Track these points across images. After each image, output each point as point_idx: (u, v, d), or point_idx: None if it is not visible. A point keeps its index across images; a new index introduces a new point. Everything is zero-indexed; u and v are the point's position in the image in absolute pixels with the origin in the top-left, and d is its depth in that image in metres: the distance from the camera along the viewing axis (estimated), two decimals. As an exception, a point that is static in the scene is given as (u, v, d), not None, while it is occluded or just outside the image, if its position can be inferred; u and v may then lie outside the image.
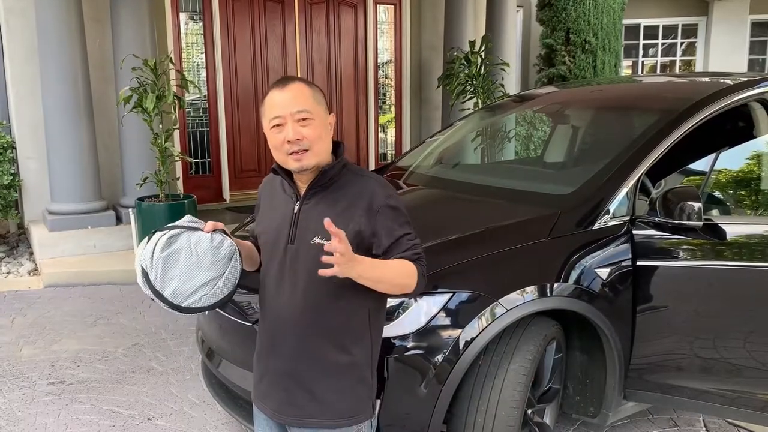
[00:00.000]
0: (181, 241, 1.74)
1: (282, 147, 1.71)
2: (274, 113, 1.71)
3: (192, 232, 1.76)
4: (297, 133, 1.69)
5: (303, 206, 1.78)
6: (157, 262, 1.72)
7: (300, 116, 1.70)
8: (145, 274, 1.74)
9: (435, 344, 2.30)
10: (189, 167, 7.48)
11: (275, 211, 1.85)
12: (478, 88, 7.39)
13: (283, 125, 1.70)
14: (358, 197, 1.74)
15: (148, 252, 1.74)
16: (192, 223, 1.80)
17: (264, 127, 1.77)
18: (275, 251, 1.80)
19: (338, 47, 8.24)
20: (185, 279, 1.73)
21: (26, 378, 3.67)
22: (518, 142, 4.78)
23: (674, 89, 3.68)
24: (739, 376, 2.73)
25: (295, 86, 1.73)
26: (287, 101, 1.70)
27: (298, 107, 1.70)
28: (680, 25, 11.85)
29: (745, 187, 2.98)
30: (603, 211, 2.66)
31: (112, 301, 4.95)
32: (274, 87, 1.74)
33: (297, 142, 1.69)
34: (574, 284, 2.52)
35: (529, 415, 2.63)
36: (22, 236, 6.75)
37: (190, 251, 1.73)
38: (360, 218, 1.71)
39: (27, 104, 6.40)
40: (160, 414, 3.26)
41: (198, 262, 1.73)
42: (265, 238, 1.86)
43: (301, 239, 1.75)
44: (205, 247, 1.74)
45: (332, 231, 1.53)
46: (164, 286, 1.73)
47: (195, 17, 7.43)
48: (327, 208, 1.74)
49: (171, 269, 1.72)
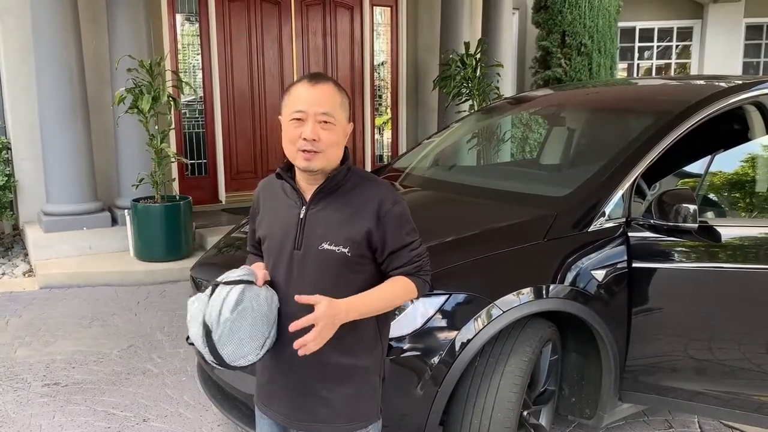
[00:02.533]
0: (246, 300, 1.66)
1: (297, 142, 1.68)
2: (298, 107, 1.68)
3: (251, 288, 1.69)
4: (315, 133, 1.66)
5: (309, 211, 1.74)
6: (225, 323, 1.65)
7: (323, 118, 1.67)
8: (208, 331, 1.66)
9: (431, 346, 2.31)
10: (185, 168, 7.47)
11: (278, 215, 1.81)
12: (473, 90, 7.41)
13: (303, 120, 1.67)
14: (366, 202, 1.73)
15: (215, 309, 1.66)
16: (248, 276, 1.72)
17: (283, 114, 1.73)
18: (281, 256, 1.77)
19: (334, 49, 8.24)
20: (246, 341, 1.67)
21: (21, 379, 3.65)
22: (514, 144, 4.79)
23: (670, 92, 3.70)
24: (734, 377, 2.74)
25: (326, 87, 1.70)
26: (314, 99, 1.68)
27: (323, 108, 1.67)
28: (675, 28, 11.89)
29: (740, 189, 2.99)
30: (599, 213, 2.67)
31: (107, 303, 4.94)
32: (305, 80, 1.71)
33: (313, 142, 1.66)
34: (569, 286, 2.53)
35: (525, 417, 2.63)
36: (17, 237, 6.73)
37: (253, 311, 1.66)
38: (369, 222, 1.71)
39: (22, 105, 6.38)
40: (155, 415, 3.25)
41: (259, 324, 1.67)
42: (269, 243, 1.82)
43: (309, 245, 1.72)
44: (264, 307, 1.69)
45: (306, 300, 1.59)
46: (224, 346, 1.66)
47: (191, 18, 7.42)
48: (334, 212, 1.73)
49: (236, 330, 1.65)
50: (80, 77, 5.96)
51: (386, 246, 1.73)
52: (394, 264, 1.75)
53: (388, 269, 1.76)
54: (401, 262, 1.74)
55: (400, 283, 1.74)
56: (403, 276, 1.75)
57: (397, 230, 1.73)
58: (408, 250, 1.75)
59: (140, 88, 5.46)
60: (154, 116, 5.55)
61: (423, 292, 1.78)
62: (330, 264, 1.71)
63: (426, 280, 1.79)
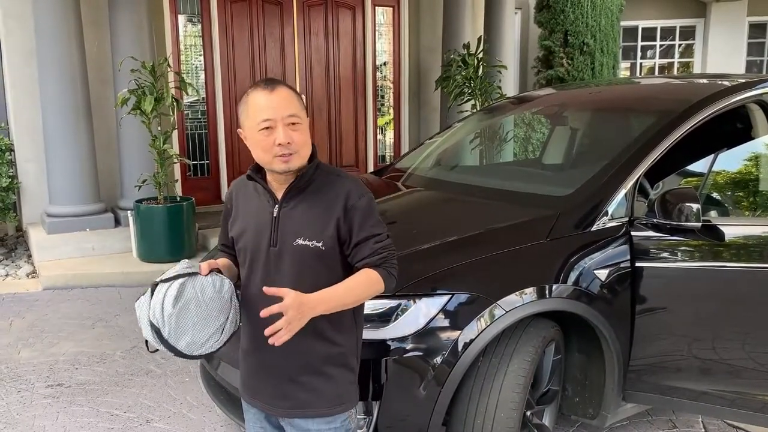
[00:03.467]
0: (188, 291, 1.71)
1: (272, 149, 1.72)
2: (264, 116, 1.72)
3: (194, 279, 1.74)
4: (288, 137, 1.72)
5: (282, 209, 1.80)
6: (170, 318, 1.70)
7: (290, 120, 1.73)
8: (157, 330, 1.71)
9: (434, 346, 2.30)
10: (187, 169, 7.47)
11: (251, 215, 1.86)
12: (475, 90, 7.40)
13: (273, 128, 1.72)
14: (335, 197, 1.79)
15: (157, 307, 1.71)
16: (189, 269, 1.77)
17: (246, 127, 1.78)
18: (257, 254, 1.83)
19: (336, 49, 8.24)
20: (198, 329, 1.73)
21: (24, 381, 3.66)
22: (517, 143, 4.79)
23: (672, 91, 3.69)
24: (738, 377, 2.73)
25: (283, 90, 1.76)
26: (277, 104, 1.73)
27: (288, 111, 1.73)
28: (678, 27, 11.86)
29: (744, 188, 2.99)
30: (602, 212, 2.67)
31: (110, 304, 4.94)
32: (260, 89, 1.75)
33: (287, 145, 1.72)
34: (572, 286, 2.53)
35: (528, 417, 2.63)
36: (20, 239, 6.75)
37: (198, 301, 1.71)
38: (338, 216, 1.77)
39: (25, 106, 6.39)
40: (158, 416, 3.25)
41: (207, 311, 1.72)
42: (244, 243, 1.87)
43: (284, 241, 1.78)
44: (210, 294, 1.74)
45: (273, 293, 1.62)
46: (178, 339, 1.73)
47: (193, 19, 7.43)
48: (306, 209, 1.79)
49: (183, 323, 1.71)
50: (83, 79, 5.97)
51: (352, 237, 1.78)
52: (359, 255, 1.79)
53: (354, 261, 1.80)
54: (365, 253, 1.78)
55: (365, 275, 1.78)
56: (368, 268, 1.78)
57: (362, 222, 1.78)
58: (373, 241, 1.79)
59: (143, 89, 5.46)
60: (156, 117, 5.55)
61: (390, 284, 1.81)
62: (305, 259, 1.77)
63: (391, 272, 1.81)
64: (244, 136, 1.81)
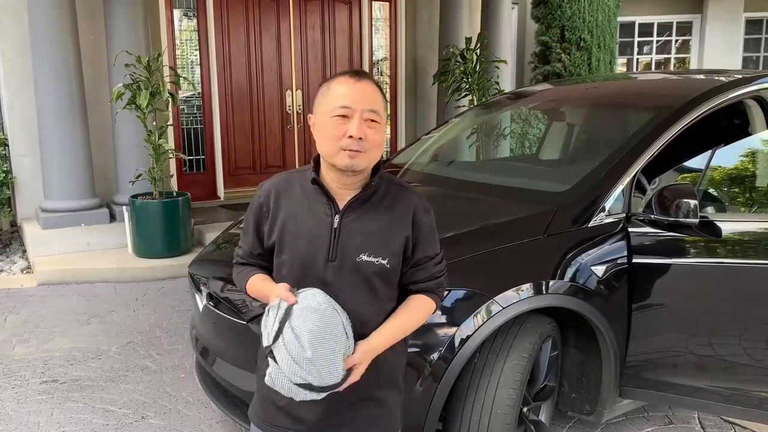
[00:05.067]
0: (298, 329, 1.56)
1: (341, 140, 1.57)
2: (343, 102, 1.58)
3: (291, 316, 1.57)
4: (362, 131, 1.57)
5: (343, 220, 1.63)
6: (310, 365, 1.54)
7: (370, 116, 1.59)
8: (308, 386, 1.56)
9: (430, 342, 2.29)
10: (183, 164, 7.45)
11: (302, 222, 1.66)
12: (473, 86, 7.39)
13: (349, 117, 1.58)
14: (404, 211, 1.67)
15: (292, 367, 1.55)
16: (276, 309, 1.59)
17: (319, 113, 1.63)
18: (310, 268, 1.64)
19: (333, 44, 8.21)
20: (334, 351, 1.58)
21: (19, 377, 3.64)
22: (514, 139, 4.78)
23: (670, 86, 3.68)
24: (735, 373, 2.73)
25: (369, 84, 1.62)
26: (360, 96, 1.59)
27: (370, 105, 1.60)
28: (675, 23, 11.86)
29: (741, 184, 2.98)
30: (599, 208, 2.66)
31: (105, 299, 4.92)
32: (348, 76, 1.62)
33: (359, 141, 1.57)
34: (569, 282, 2.52)
35: (525, 413, 2.63)
36: (15, 234, 6.72)
37: (313, 333, 1.56)
38: (406, 231, 1.67)
39: (20, 101, 6.36)
40: (154, 413, 3.24)
41: (325, 332, 1.58)
42: (291, 254, 1.66)
43: (345, 256, 1.62)
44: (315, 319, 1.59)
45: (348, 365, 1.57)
46: (330, 376, 1.58)
47: (189, 14, 7.39)
48: (371, 222, 1.64)
49: (321, 356, 1.56)
50: (78, 73, 5.94)
51: (414, 256, 1.69)
52: (416, 277, 1.71)
53: (409, 281, 1.71)
54: (423, 276, 1.71)
55: (423, 306, 1.72)
56: (423, 294, 1.72)
57: (426, 241, 1.70)
58: (432, 264, 1.72)
59: (138, 84, 5.44)
60: (152, 112, 5.53)
61: (438, 308, 1.76)
62: (368, 276, 1.63)
63: (443, 296, 1.76)
64: (313, 123, 1.67)
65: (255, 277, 1.75)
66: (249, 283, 1.75)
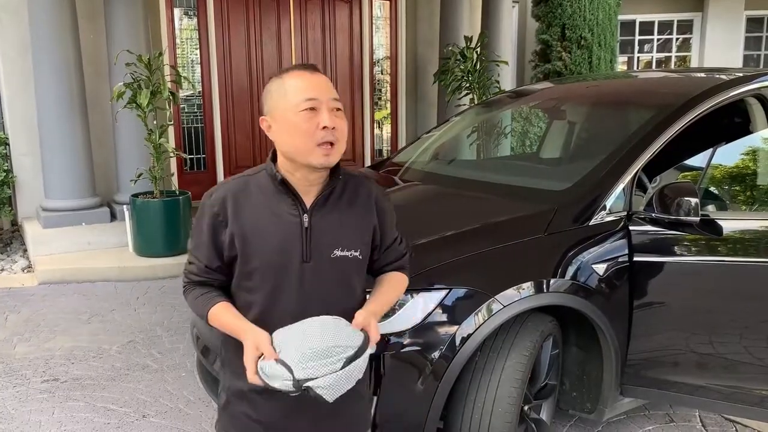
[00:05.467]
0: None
1: (315, 134, 1.50)
2: (309, 94, 1.51)
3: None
4: (333, 121, 1.52)
5: (313, 218, 1.58)
6: (340, 380, 1.48)
7: (335, 105, 1.55)
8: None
9: (431, 341, 2.29)
10: (184, 163, 7.45)
11: (268, 226, 1.57)
12: (473, 84, 7.39)
13: (317, 110, 1.51)
14: (366, 201, 1.66)
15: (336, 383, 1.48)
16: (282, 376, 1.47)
17: (280, 110, 1.53)
18: (284, 273, 1.57)
19: (334, 43, 8.21)
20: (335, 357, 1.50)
21: (20, 376, 3.64)
22: (514, 137, 4.77)
23: (670, 85, 3.68)
24: (736, 371, 2.73)
25: (323, 76, 1.58)
26: (323, 86, 1.54)
27: (333, 95, 1.55)
28: (676, 21, 11.85)
29: (742, 182, 2.98)
30: (599, 206, 2.66)
31: (106, 298, 4.93)
32: (301, 69, 1.55)
33: (332, 131, 1.51)
34: (570, 280, 2.52)
35: (526, 411, 2.63)
36: (15, 233, 6.72)
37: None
38: (373, 219, 1.66)
39: (20, 100, 6.36)
40: (155, 411, 3.24)
41: (327, 348, 1.51)
42: (261, 262, 1.57)
43: (320, 254, 1.58)
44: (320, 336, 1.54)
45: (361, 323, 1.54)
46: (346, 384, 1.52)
47: (189, 13, 7.39)
48: (339, 215, 1.61)
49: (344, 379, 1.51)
50: (78, 72, 5.94)
51: (383, 241, 1.70)
52: (387, 259, 1.73)
53: (381, 265, 1.73)
54: (393, 256, 1.74)
55: (400, 281, 1.75)
56: (397, 272, 1.76)
57: (390, 224, 1.71)
58: (398, 243, 1.76)
59: (138, 83, 5.44)
60: (152, 111, 5.53)
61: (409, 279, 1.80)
62: (342, 270, 1.61)
63: (410, 271, 1.80)
64: (269, 125, 1.57)
65: (219, 307, 1.60)
66: (212, 313, 1.60)
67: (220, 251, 1.60)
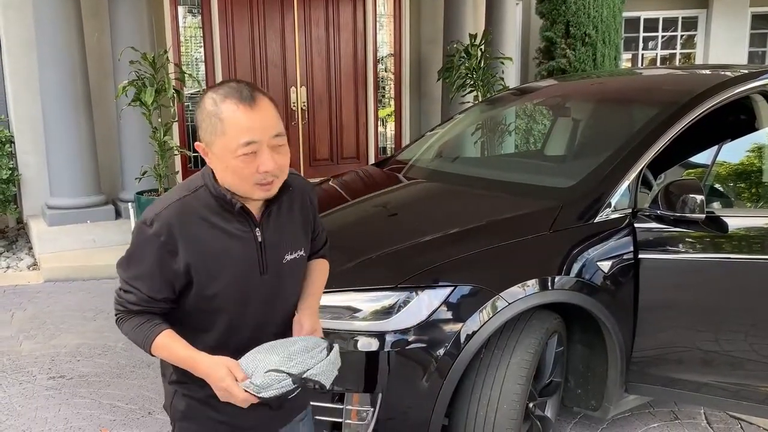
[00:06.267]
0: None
1: (252, 177, 1.43)
2: (247, 137, 1.40)
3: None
4: (274, 162, 1.43)
5: (264, 232, 1.54)
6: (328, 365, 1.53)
7: (277, 142, 1.44)
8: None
9: (436, 338, 2.30)
10: (188, 161, 7.46)
11: (223, 246, 1.50)
12: (478, 82, 7.37)
13: (257, 152, 1.42)
14: (300, 199, 1.65)
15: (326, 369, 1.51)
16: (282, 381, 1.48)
17: (218, 147, 1.43)
18: (246, 292, 1.54)
19: (337, 40, 8.21)
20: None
21: (26, 372, 3.66)
22: (518, 135, 4.77)
23: (675, 82, 3.67)
24: (741, 368, 2.73)
25: (265, 103, 1.44)
26: (263, 123, 1.42)
27: (275, 131, 1.44)
28: (680, 18, 11.80)
29: (747, 179, 2.97)
30: (605, 204, 2.65)
31: (111, 296, 4.88)
32: (240, 102, 1.41)
33: (272, 170, 1.44)
34: (575, 277, 2.52)
35: (531, 409, 2.63)
36: (21, 231, 6.74)
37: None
38: (309, 214, 1.69)
39: (25, 98, 6.37)
40: (160, 408, 3.25)
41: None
42: (224, 282, 1.50)
43: (274, 263, 1.56)
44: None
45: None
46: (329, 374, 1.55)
47: (193, 10, 7.40)
48: (283, 220, 1.59)
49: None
50: (83, 70, 5.95)
51: (315, 231, 1.75)
52: (316, 247, 1.78)
53: (311, 251, 1.76)
54: (319, 245, 1.79)
55: (324, 269, 1.81)
56: (321, 258, 1.81)
57: (317, 215, 1.74)
58: (322, 232, 1.80)
59: (143, 80, 5.44)
60: (157, 109, 5.53)
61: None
62: (294, 271, 1.64)
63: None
64: (204, 151, 1.47)
65: (165, 336, 1.50)
66: (157, 344, 1.51)
67: (170, 282, 1.50)
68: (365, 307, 2.35)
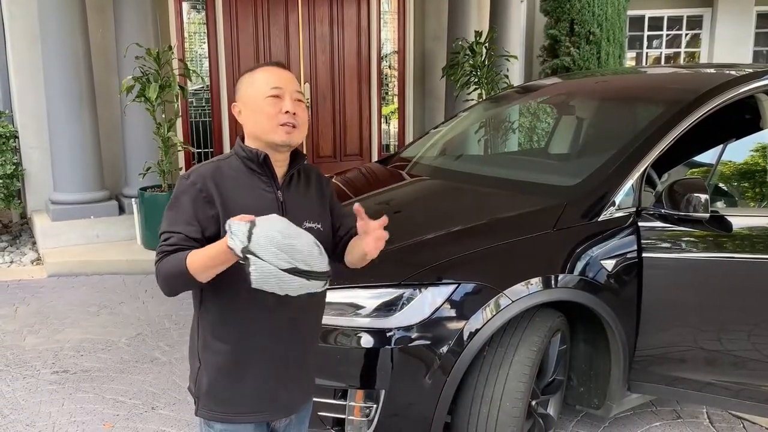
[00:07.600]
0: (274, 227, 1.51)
1: (278, 116, 1.69)
2: (274, 83, 1.71)
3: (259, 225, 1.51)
4: (295, 107, 1.71)
5: (285, 194, 1.74)
6: (292, 249, 1.49)
7: (297, 96, 1.73)
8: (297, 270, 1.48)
9: (440, 335, 2.30)
10: (192, 157, 7.46)
11: (248, 201, 1.67)
12: (482, 79, 7.36)
13: (281, 97, 1.70)
14: (318, 183, 1.85)
15: (278, 255, 1.47)
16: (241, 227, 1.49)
17: (249, 96, 1.72)
18: None
19: (341, 37, 8.20)
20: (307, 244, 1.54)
21: (30, 367, 3.67)
22: (522, 133, 4.76)
23: (680, 80, 3.66)
24: (744, 368, 2.73)
25: (289, 72, 1.79)
26: (288, 79, 1.75)
27: (297, 87, 1.76)
28: (685, 17, 11.77)
29: (752, 178, 2.97)
30: (609, 202, 2.65)
31: (115, 291, 4.95)
32: (270, 65, 1.77)
33: (293, 116, 1.71)
34: (579, 276, 2.52)
35: (534, 407, 2.63)
36: (24, 226, 6.76)
37: (284, 230, 1.52)
38: (326, 199, 1.85)
39: (29, 94, 6.38)
40: (164, 403, 3.26)
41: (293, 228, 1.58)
42: None
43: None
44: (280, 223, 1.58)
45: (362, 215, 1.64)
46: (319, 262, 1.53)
47: (198, 6, 7.40)
48: (303, 192, 1.80)
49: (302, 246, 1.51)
50: (87, 66, 5.95)
51: (338, 213, 1.87)
52: (349, 224, 1.84)
53: (345, 231, 1.84)
54: (353, 221, 1.76)
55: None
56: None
57: (337, 201, 1.90)
58: (347, 213, 1.86)
59: (147, 76, 5.45)
60: (161, 105, 5.54)
61: None
62: None
63: None
64: (239, 110, 1.76)
65: (193, 252, 1.59)
66: (190, 259, 1.57)
67: (202, 227, 1.63)
68: (368, 303, 2.35)
